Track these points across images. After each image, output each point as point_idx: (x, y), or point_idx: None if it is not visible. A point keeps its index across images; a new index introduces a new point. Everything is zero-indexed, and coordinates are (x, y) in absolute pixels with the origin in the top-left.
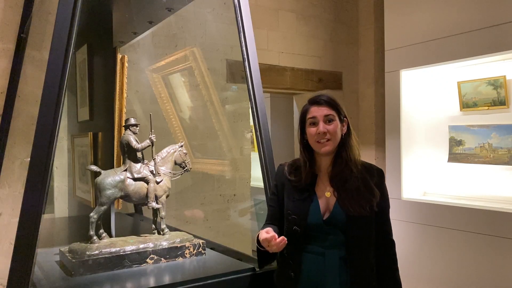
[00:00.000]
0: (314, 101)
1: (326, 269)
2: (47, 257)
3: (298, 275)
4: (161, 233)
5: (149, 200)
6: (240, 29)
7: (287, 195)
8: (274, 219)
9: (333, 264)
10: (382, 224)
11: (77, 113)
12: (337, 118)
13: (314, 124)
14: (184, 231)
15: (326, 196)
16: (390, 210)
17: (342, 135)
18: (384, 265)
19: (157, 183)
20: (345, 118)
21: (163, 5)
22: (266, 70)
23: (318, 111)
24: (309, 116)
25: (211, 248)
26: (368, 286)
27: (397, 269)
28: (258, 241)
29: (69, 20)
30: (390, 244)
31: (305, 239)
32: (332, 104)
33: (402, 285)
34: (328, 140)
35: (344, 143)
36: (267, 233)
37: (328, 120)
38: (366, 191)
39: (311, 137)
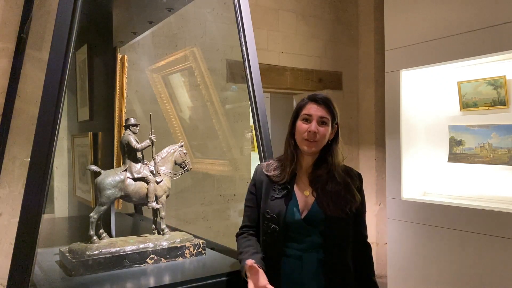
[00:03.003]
0: (314, 99)
1: (304, 273)
2: (47, 257)
3: (279, 278)
4: (161, 233)
5: (149, 200)
6: (240, 29)
7: (265, 193)
8: (253, 220)
9: (310, 267)
10: (359, 226)
11: (77, 113)
12: (330, 123)
13: (307, 121)
14: (184, 231)
15: (304, 195)
16: (390, 210)
17: (328, 140)
18: (362, 268)
19: (157, 183)
20: (336, 124)
21: (163, 5)
22: (266, 70)
23: (316, 110)
24: (304, 111)
25: (211, 248)
26: (346, 287)
27: (373, 272)
28: (241, 269)
29: (69, 20)
30: (367, 247)
31: (284, 240)
32: (330, 107)
33: (402, 285)
34: (315, 141)
35: (330, 148)
36: (254, 270)
37: (321, 122)
38: (348, 194)
39: (300, 133)
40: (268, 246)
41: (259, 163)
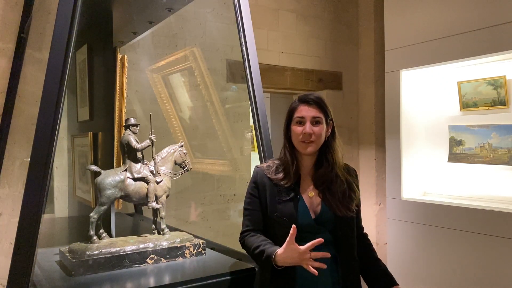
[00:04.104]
0: (304, 100)
1: (318, 270)
2: (47, 257)
3: (294, 278)
4: (161, 233)
5: (149, 200)
6: (240, 29)
7: (270, 196)
8: (258, 224)
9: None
10: (358, 220)
11: (77, 113)
12: (324, 121)
13: (301, 123)
14: (184, 231)
15: (309, 196)
16: (390, 210)
17: (326, 137)
18: (367, 255)
19: (157, 183)
20: (330, 121)
21: (163, 5)
22: (266, 70)
23: (307, 112)
24: (297, 114)
25: (211, 248)
26: (357, 282)
27: (376, 252)
28: (268, 259)
29: (69, 20)
30: (366, 236)
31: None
32: (321, 106)
33: (402, 285)
34: (312, 141)
35: (328, 146)
36: (293, 244)
37: (315, 122)
38: (352, 192)
39: (296, 136)
40: None
41: (257, 164)
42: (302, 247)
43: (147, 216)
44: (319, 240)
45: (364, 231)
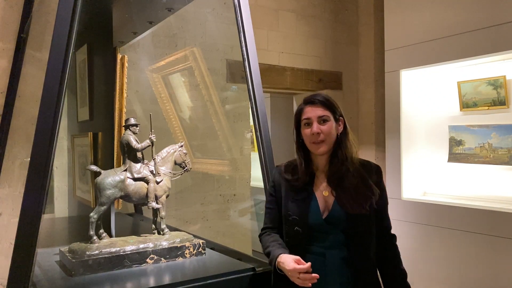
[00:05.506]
0: (309, 101)
1: (327, 270)
2: (47, 257)
3: None
4: (161, 233)
5: (149, 200)
6: (240, 29)
7: (285, 195)
8: (275, 222)
9: (334, 265)
10: (382, 221)
11: (77, 113)
12: (331, 118)
13: (309, 124)
14: (184, 231)
15: (324, 195)
16: (391, 210)
17: (337, 134)
18: (388, 259)
19: (157, 183)
20: (340, 117)
21: (163, 5)
22: (266, 70)
23: (312, 112)
24: (303, 116)
25: (211, 248)
26: (370, 284)
27: (400, 261)
28: (271, 262)
29: (69, 20)
30: (391, 239)
31: (307, 240)
32: (326, 104)
33: None
34: (323, 141)
35: (340, 142)
36: (297, 263)
37: (322, 120)
38: (365, 189)
39: (306, 138)
40: (291, 247)
41: (258, 163)
42: (290, 267)
43: (147, 216)
44: (308, 265)
45: (391, 231)
